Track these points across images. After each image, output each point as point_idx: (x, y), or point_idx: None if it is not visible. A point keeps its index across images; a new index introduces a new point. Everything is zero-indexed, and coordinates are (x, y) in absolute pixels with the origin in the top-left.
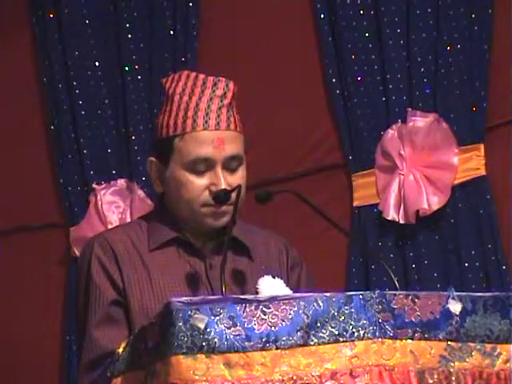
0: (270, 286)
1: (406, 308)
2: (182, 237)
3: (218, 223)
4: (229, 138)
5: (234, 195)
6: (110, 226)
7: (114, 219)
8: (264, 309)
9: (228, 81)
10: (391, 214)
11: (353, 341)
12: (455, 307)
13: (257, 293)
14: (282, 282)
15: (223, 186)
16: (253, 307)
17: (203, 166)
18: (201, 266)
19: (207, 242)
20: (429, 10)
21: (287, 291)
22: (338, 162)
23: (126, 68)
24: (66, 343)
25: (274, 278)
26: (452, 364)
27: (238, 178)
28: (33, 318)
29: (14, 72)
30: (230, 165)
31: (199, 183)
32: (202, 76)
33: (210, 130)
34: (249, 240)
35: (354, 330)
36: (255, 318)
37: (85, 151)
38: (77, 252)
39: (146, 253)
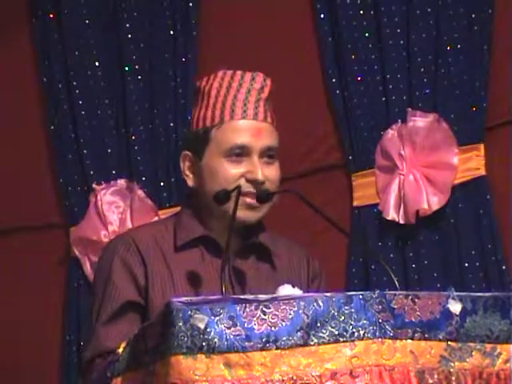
0: (289, 294)
1: (406, 308)
2: (211, 234)
3: (248, 217)
4: (266, 130)
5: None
6: (109, 226)
7: (113, 219)
8: (264, 309)
9: (265, 76)
10: (391, 214)
11: (353, 341)
12: (455, 307)
13: None
14: (301, 292)
15: (260, 175)
16: (253, 307)
17: (240, 154)
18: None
19: (233, 242)
20: (429, 9)
21: None
22: (338, 162)
23: (126, 68)
24: (66, 343)
25: (293, 287)
26: (452, 364)
27: (274, 170)
28: (33, 318)
29: (14, 72)
30: (266, 156)
31: (235, 171)
32: (239, 72)
33: (248, 120)
34: (273, 248)
35: (354, 329)
36: (255, 318)
37: (85, 151)
38: (77, 252)
39: (169, 253)
